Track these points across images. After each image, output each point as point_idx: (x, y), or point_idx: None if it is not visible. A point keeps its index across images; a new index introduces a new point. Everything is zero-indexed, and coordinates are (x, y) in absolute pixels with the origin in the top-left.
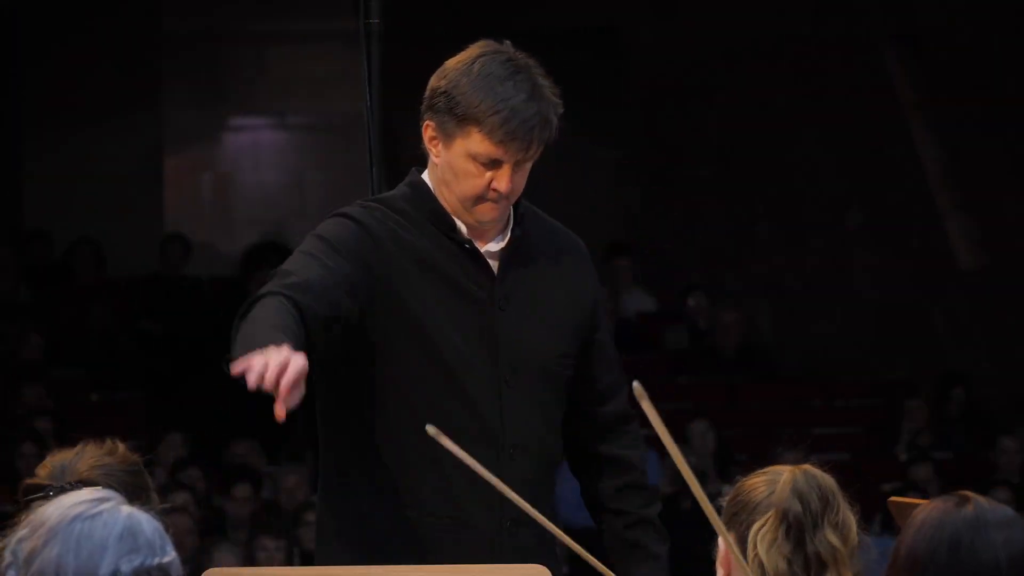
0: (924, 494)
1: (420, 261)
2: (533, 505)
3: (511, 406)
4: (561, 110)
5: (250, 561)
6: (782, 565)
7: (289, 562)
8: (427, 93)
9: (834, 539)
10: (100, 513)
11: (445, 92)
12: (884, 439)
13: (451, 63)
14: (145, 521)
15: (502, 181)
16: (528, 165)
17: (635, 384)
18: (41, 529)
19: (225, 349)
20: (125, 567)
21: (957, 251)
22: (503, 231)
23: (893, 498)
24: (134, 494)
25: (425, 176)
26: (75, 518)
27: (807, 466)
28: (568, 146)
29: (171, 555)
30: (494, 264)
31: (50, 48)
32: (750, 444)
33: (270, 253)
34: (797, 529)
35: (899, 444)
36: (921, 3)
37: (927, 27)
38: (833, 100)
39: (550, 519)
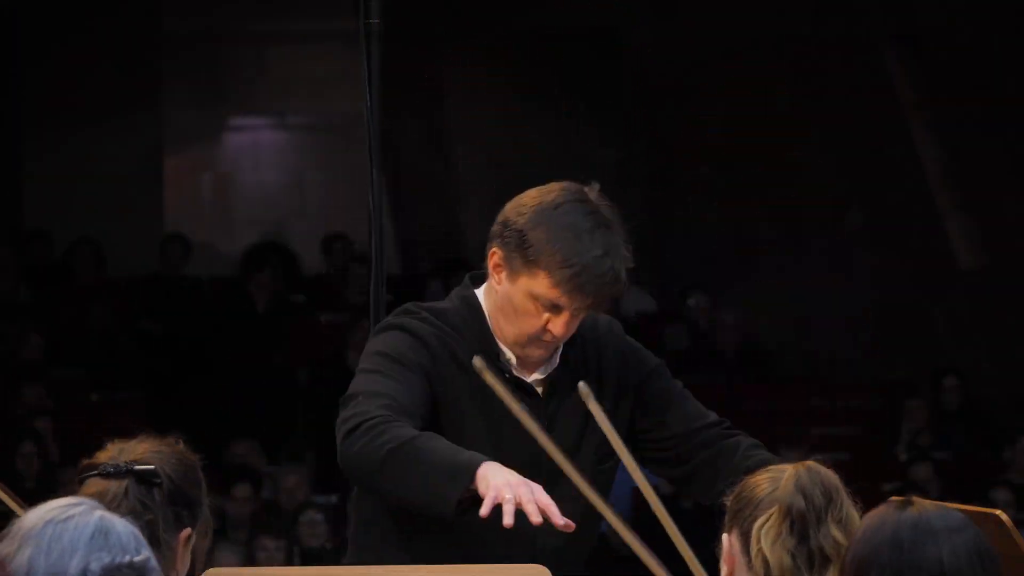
0: (924, 494)
1: (471, 384)
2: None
3: (548, 527)
4: (632, 266)
5: (250, 561)
6: (786, 560)
7: (289, 562)
8: (500, 221)
9: (838, 534)
10: (71, 517)
11: (520, 231)
12: (884, 439)
13: (531, 199)
14: (119, 523)
15: (558, 326)
16: (584, 314)
17: (580, 385)
18: (17, 535)
19: (225, 349)
20: (95, 565)
21: (957, 251)
22: (550, 359)
23: (893, 498)
24: (184, 484)
25: (480, 293)
26: (47, 522)
27: (811, 462)
28: (568, 146)
29: (145, 554)
30: (540, 389)
31: (50, 48)
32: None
33: (270, 253)
34: (801, 524)
35: (899, 444)
36: (921, 3)
37: (927, 27)
38: (833, 100)
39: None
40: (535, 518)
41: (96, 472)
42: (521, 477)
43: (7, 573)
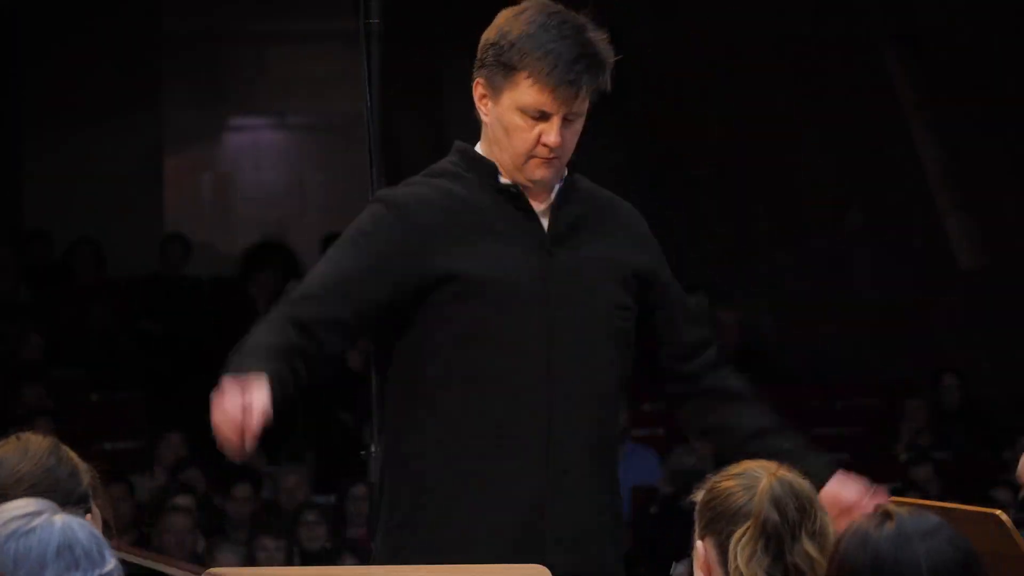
0: (924, 494)
1: (467, 220)
2: (591, 460)
3: (561, 358)
4: (612, 59)
5: (250, 561)
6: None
7: (289, 562)
8: (478, 51)
9: (811, 549)
10: (34, 529)
11: (494, 43)
12: (884, 439)
13: (500, 17)
14: (79, 529)
15: (551, 133)
16: (578, 124)
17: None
18: None
19: (225, 349)
20: None
21: (957, 251)
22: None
23: (893, 498)
24: (57, 491)
25: (478, 147)
26: (9, 536)
27: (783, 471)
28: None
29: (110, 563)
30: (544, 220)
31: (50, 48)
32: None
33: (270, 253)
34: (776, 540)
35: (899, 444)
36: (921, 3)
37: (927, 27)
38: (833, 100)
39: (613, 493)
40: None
41: None
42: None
43: None
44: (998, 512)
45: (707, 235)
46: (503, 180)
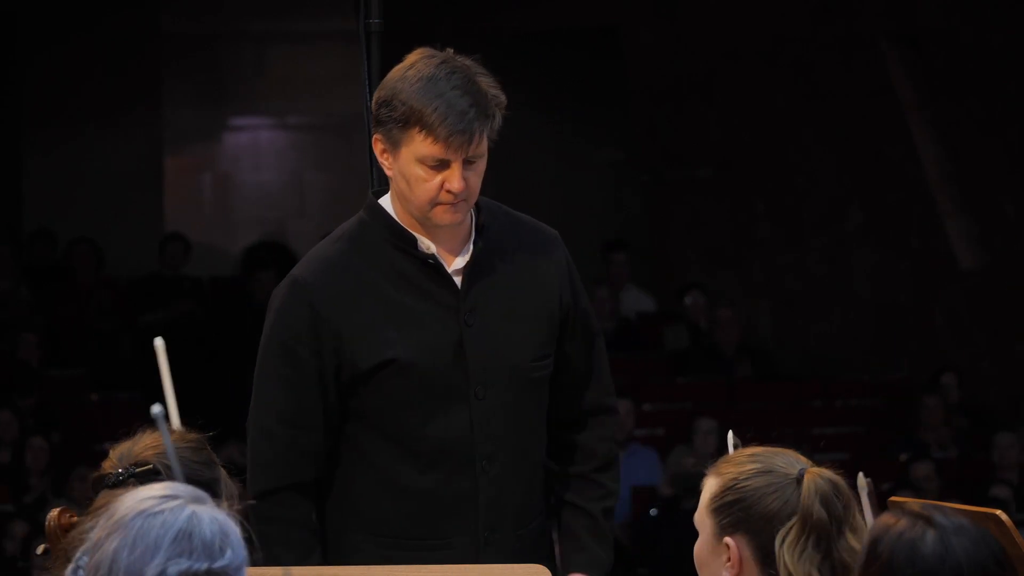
0: (924, 494)
1: (381, 292)
2: (517, 512)
3: (482, 419)
4: (503, 101)
5: (249, 561)
6: (814, 574)
7: None
8: (373, 107)
9: (855, 543)
10: (162, 512)
11: (386, 101)
12: (884, 439)
13: (389, 75)
14: (208, 523)
15: (453, 180)
16: (480, 164)
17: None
18: (110, 520)
19: (224, 348)
20: (172, 569)
21: (957, 251)
22: (466, 244)
23: (893, 498)
24: (195, 469)
25: (385, 200)
26: (138, 514)
27: (823, 470)
28: (568, 146)
29: (227, 559)
30: (459, 279)
31: (50, 48)
32: (750, 444)
33: (270, 253)
34: (825, 537)
35: (909, 443)
36: (921, 3)
37: (927, 27)
38: (833, 100)
39: (540, 524)
40: None
41: (104, 485)
42: None
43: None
44: (998, 512)
45: (707, 235)
46: (422, 250)
